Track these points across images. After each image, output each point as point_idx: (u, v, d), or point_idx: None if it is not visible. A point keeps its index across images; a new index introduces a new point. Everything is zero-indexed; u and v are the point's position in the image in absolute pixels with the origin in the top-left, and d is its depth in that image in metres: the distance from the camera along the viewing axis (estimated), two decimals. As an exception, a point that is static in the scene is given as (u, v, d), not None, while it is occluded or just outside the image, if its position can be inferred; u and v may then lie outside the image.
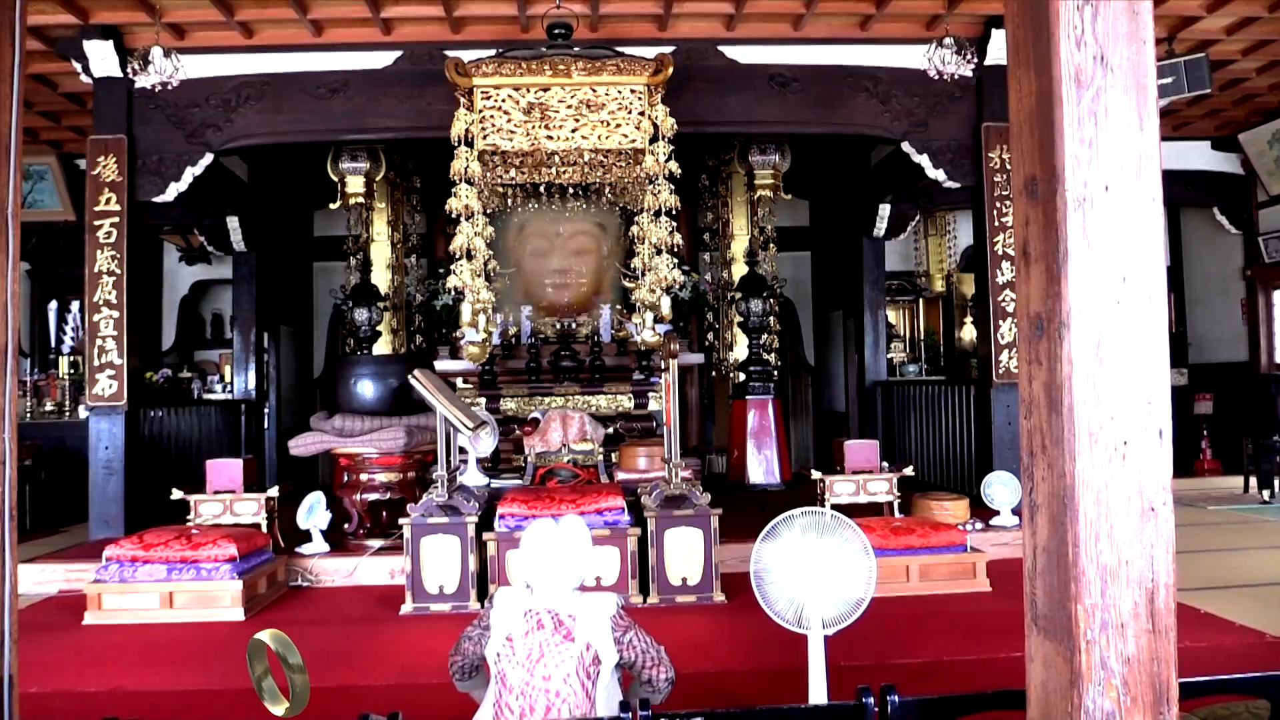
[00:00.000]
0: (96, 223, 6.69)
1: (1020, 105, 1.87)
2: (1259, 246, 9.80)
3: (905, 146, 7.18)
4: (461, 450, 6.23)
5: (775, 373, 9.24)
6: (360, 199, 9.51)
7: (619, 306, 9.50)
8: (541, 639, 2.39)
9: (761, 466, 8.80)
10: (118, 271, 6.68)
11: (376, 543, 6.04)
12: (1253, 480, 8.57)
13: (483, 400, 8.73)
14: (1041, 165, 1.79)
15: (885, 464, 6.64)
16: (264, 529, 5.90)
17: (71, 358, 9.14)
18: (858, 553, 3.32)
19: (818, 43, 7.03)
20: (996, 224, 7.08)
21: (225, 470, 6.12)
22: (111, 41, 6.63)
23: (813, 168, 10.23)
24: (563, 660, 2.36)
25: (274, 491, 6.10)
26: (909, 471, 6.69)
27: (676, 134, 5.87)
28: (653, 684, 2.54)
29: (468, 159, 5.76)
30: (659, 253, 5.95)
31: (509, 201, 7.42)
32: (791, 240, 10.66)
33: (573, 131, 5.81)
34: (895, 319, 11.99)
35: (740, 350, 9.76)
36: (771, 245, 9.57)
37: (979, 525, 6.26)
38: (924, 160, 7.15)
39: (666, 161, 5.83)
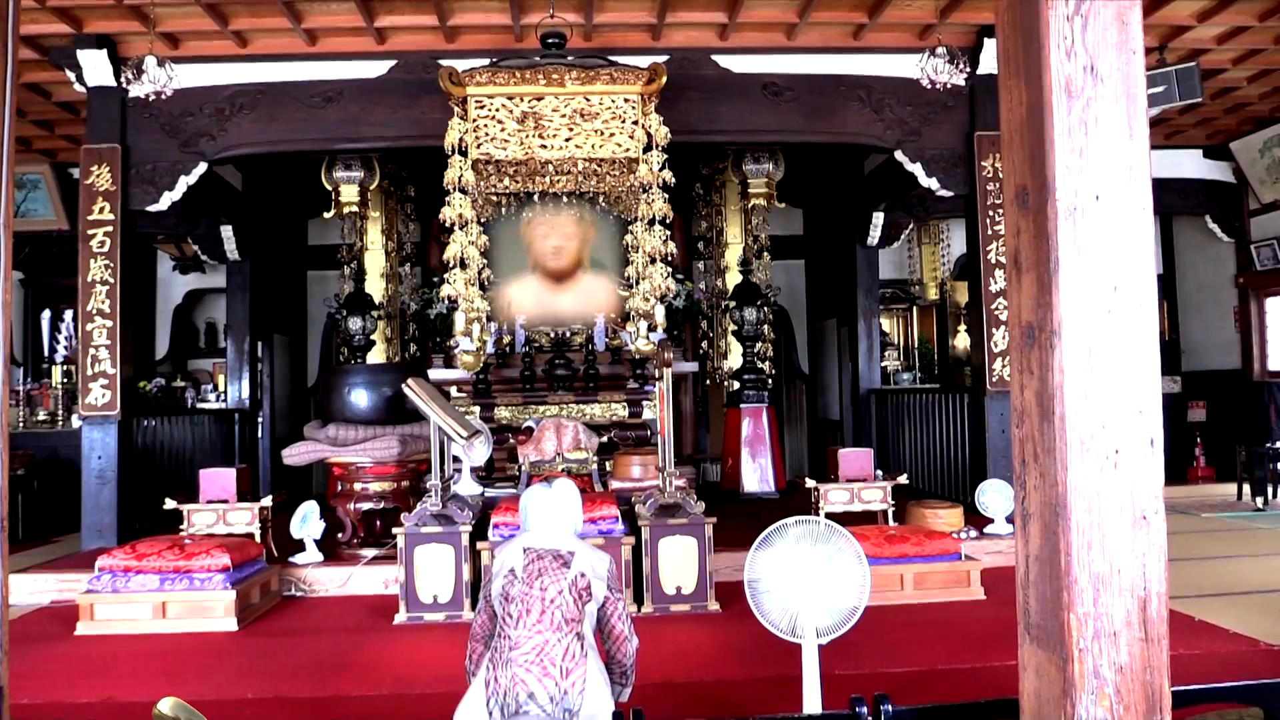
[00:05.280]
0: (90, 232, 6.68)
1: (1011, 115, 1.87)
2: (1251, 254, 9.83)
3: (898, 155, 7.19)
4: (455, 459, 6.22)
5: (769, 381, 9.24)
6: (354, 208, 9.50)
7: (613, 315, 9.50)
8: (541, 566, 2.71)
9: (756, 475, 8.79)
10: (111, 280, 6.67)
11: (370, 552, 6.02)
12: (1246, 487, 8.61)
13: (477, 409, 8.72)
14: (1032, 175, 1.80)
15: (879, 472, 6.64)
16: (257, 539, 5.88)
17: (65, 367, 9.12)
18: (852, 561, 3.31)
19: (811, 52, 7.05)
20: (989, 232, 7.09)
21: (218, 480, 6.09)
22: (105, 51, 6.63)
23: (806, 176, 10.26)
24: (558, 579, 2.69)
25: (267, 501, 6.08)
26: (903, 480, 6.69)
27: (670, 143, 5.89)
28: (619, 652, 2.76)
29: (462, 168, 5.77)
30: (653, 261, 5.96)
31: (503, 210, 7.42)
32: (785, 249, 10.69)
33: (566, 140, 5.83)
34: (889, 327, 12.02)
35: (734, 358, 9.76)
36: (765, 254, 9.57)
37: (973, 533, 6.26)
38: (917, 169, 7.17)
39: (660, 170, 5.85)
